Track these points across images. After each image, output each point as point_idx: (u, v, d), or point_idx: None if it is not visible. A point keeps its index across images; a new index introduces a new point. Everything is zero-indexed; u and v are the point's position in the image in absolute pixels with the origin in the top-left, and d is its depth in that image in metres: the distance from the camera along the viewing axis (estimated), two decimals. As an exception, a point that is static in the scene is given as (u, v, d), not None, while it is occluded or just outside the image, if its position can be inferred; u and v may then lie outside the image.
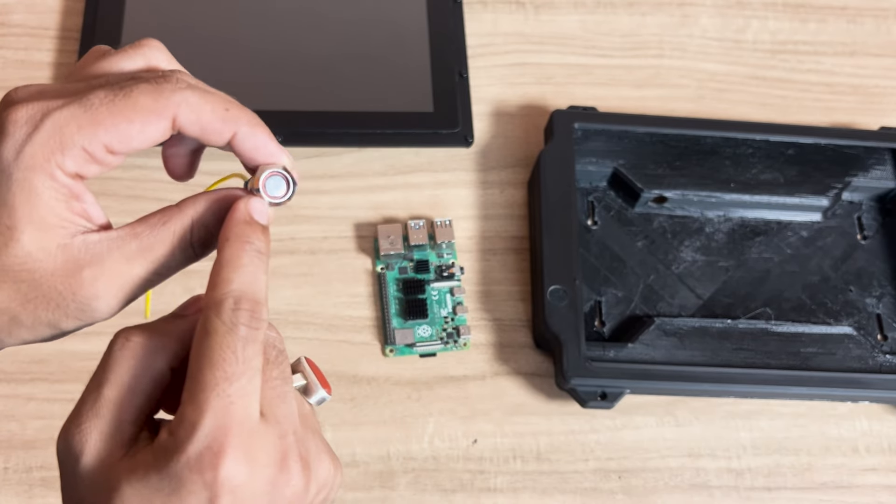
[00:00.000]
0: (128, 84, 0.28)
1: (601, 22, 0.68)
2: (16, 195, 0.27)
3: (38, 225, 0.27)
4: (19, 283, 0.27)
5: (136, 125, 0.27)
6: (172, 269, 0.30)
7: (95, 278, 0.28)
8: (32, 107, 0.27)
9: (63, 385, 0.52)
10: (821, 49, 0.69)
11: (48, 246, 0.27)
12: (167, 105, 0.28)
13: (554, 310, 0.53)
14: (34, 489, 0.50)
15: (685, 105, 0.65)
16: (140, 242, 0.29)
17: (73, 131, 0.27)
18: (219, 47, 0.61)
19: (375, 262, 0.57)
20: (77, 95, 0.28)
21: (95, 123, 0.27)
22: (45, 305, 0.28)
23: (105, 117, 0.27)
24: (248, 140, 0.30)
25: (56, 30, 0.62)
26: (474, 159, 0.61)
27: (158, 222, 0.29)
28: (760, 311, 0.58)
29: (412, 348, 0.55)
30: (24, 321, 0.28)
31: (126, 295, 0.29)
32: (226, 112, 0.29)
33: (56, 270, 0.27)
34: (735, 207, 0.60)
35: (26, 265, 0.27)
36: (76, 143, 0.27)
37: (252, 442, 0.26)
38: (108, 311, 0.29)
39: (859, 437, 0.56)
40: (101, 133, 0.27)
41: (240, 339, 0.26)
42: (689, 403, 0.55)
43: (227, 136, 0.29)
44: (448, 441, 0.53)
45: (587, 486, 0.53)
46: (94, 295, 0.28)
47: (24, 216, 0.27)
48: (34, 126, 0.27)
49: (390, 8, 0.64)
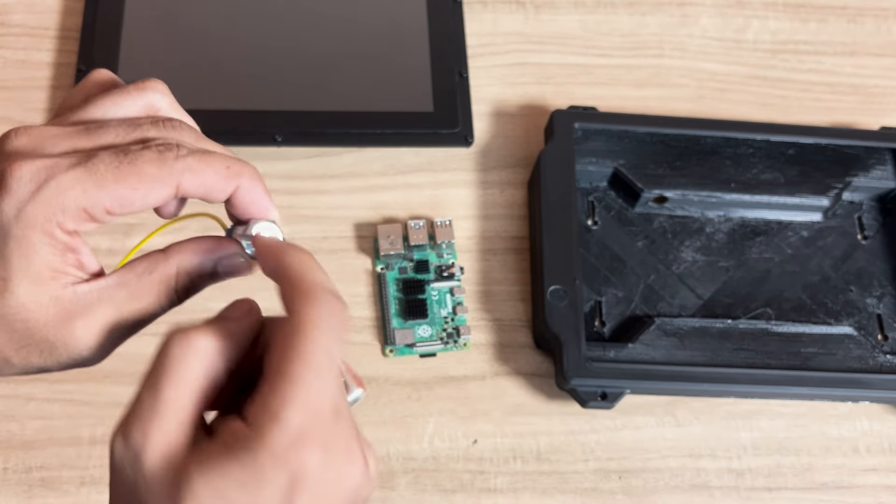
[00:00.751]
0: (133, 151, 0.28)
1: (601, 22, 0.68)
2: (13, 250, 0.27)
3: (32, 279, 0.28)
4: (12, 332, 0.28)
5: (139, 192, 0.28)
6: (158, 314, 0.31)
7: (86, 328, 0.29)
8: (36, 165, 0.28)
9: (63, 385, 0.52)
10: (821, 49, 0.69)
11: (41, 299, 0.28)
12: (171, 173, 0.28)
13: (554, 310, 0.53)
14: (33, 489, 0.50)
15: (685, 105, 0.65)
16: (128, 291, 0.30)
17: (76, 194, 0.28)
18: (219, 47, 0.61)
19: (375, 262, 0.57)
20: (82, 158, 0.28)
21: (99, 188, 0.28)
22: (37, 353, 0.29)
23: (109, 182, 0.28)
24: (246, 194, 0.30)
25: (56, 30, 0.62)
26: (474, 159, 0.61)
27: (145, 271, 0.30)
28: (761, 311, 0.58)
29: (412, 348, 0.55)
30: (16, 364, 0.29)
31: (114, 341, 0.30)
32: (227, 171, 0.30)
33: (48, 322, 0.28)
34: (735, 207, 0.60)
35: (20, 315, 0.28)
36: (78, 205, 0.28)
37: (330, 432, 0.27)
38: (97, 358, 0.30)
39: (860, 438, 0.56)
40: (104, 197, 0.28)
41: (332, 336, 0.27)
42: (689, 403, 0.55)
43: (229, 193, 0.30)
44: (448, 441, 0.53)
45: (587, 486, 0.53)
46: (85, 345, 0.29)
47: (20, 270, 0.28)
48: (38, 186, 0.27)
49: (390, 8, 0.64)
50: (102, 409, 0.52)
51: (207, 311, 0.57)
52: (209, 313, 0.41)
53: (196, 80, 0.59)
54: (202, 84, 0.59)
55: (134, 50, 0.60)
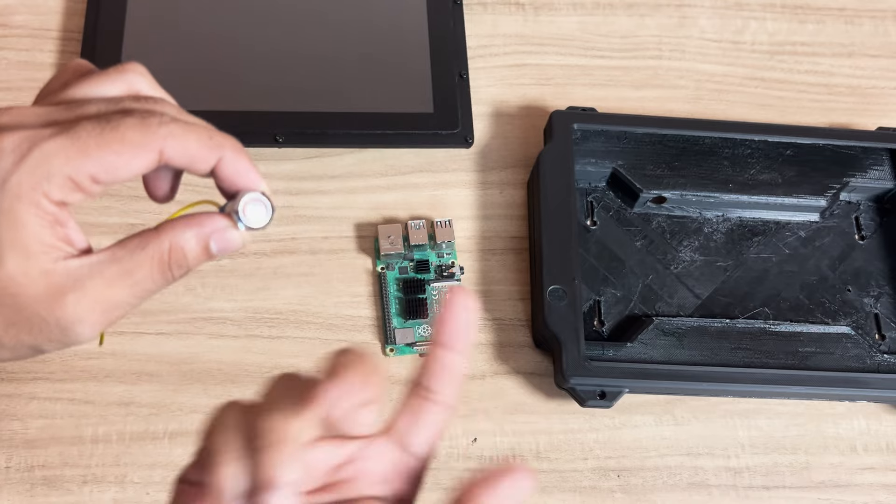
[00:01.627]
0: (115, 117, 0.28)
1: (600, 23, 0.68)
2: (0, 223, 0.27)
3: (21, 251, 0.27)
4: (2, 308, 0.28)
5: (123, 158, 0.28)
6: (151, 292, 0.30)
7: (77, 302, 0.28)
8: (19, 135, 0.27)
9: (65, 384, 0.52)
10: (819, 50, 0.69)
11: (31, 272, 0.28)
12: (154, 139, 0.28)
13: (553, 309, 0.53)
14: (36, 488, 0.50)
15: (684, 106, 0.65)
16: (120, 266, 0.29)
17: (60, 162, 0.27)
18: (221, 48, 0.61)
19: (376, 262, 0.57)
20: (65, 126, 0.28)
21: (83, 155, 0.27)
22: (27, 329, 0.28)
23: (93, 149, 0.28)
24: (230, 165, 0.31)
25: (58, 31, 0.63)
26: (474, 160, 0.62)
27: (137, 247, 0.30)
28: (759, 310, 0.58)
29: (412, 347, 0.55)
30: (6, 343, 0.28)
31: (107, 318, 0.29)
32: (210, 140, 0.30)
33: (38, 296, 0.28)
34: (733, 207, 0.61)
35: (9, 290, 0.28)
36: (63, 173, 0.27)
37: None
38: (90, 334, 0.29)
39: (857, 437, 0.56)
40: (88, 164, 0.27)
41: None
42: (687, 403, 0.56)
43: (212, 164, 0.30)
44: (448, 440, 0.53)
45: (586, 484, 0.53)
46: (77, 319, 0.29)
47: (8, 243, 0.27)
48: (21, 156, 0.27)
49: (390, 9, 0.64)
50: (104, 408, 0.52)
51: (209, 311, 0.57)
52: (211, 312, 0.42)
53: (197, 80, 0.60)
54: (203, 85, 0.60)
55: (136, 51, 0.60)
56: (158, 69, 0.60)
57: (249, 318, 0.55)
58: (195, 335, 0.54)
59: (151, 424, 0.52)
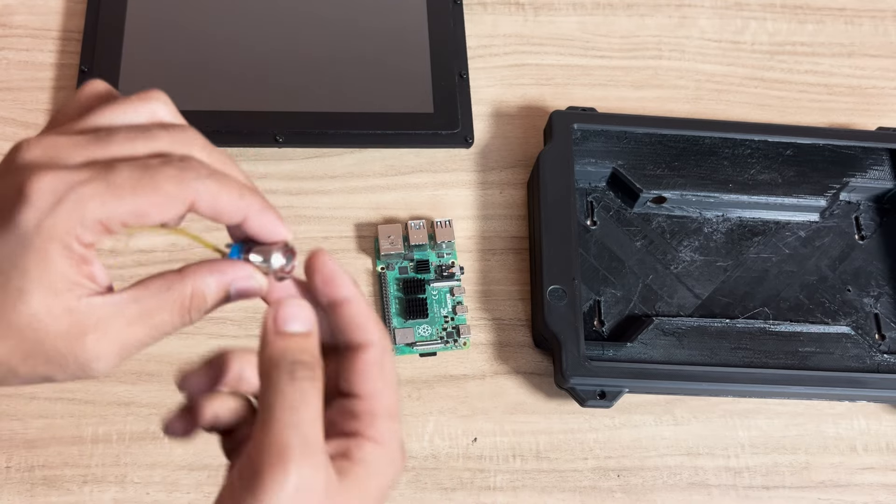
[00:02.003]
0: (153, 166, 0.29)
1: (600, 23, 0.68)
2: (30, 260, 0.28)
3: (48, 289, 0.28)
4: (23, 341, 0.28)
5: (155, 207, 0.29)
6: (168, 332, 0.31)
7: (97, 341, 0.29)
8: (56, 177, 0.28)
9: (65, 385, 0.52)
10: (819, 50, 0.69)
11: (55, 309, 0.28)
12: (187, 192, 0.29)
13: (553, 309, 0.53)
14: (36, 488, 0.50)
15: (683, 106, 0.66)
16: (140, 307, 0.30)
17: (95, 206, 0.28)
18: (221, 49, 0.61)
19: (376, 262, 0.57)
20: (101, 169, 0.28)
21: (117, 200, 0.28)
22: (44, 363, 0.29)
23: (128, 195, 0.28)
24: (257, 220, 0.31)
25: (58, 31, 0.63)
26: (474, 160, 0.62)
27: (160, 289, 0.30)
28: (758, 310, 0.58)
29: (412, 347, 0.55)
30: (20, 373, 0.29)
31: (123, 356, 0.30)
32: (240, 200, 0.30)
33: (60, 333, 0.28)
34: (733, 207, 0.61)
35: (32, 325, 0.28)
36: (96, 217, 0.28)
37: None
38: (104, 370, 0.30)
39: (857, 437, 0.56)
40: (122, 210, 0.28)
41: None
42: (687, 402, 0.56)
43: (237, 220, 0.31)
44: (448, 440, 0.53)
45: (586, 484, 0.53)
46: (95, 357, 0.29)
47: (36, 280, 0.28)
48: (58, 199, 0.28)
49: (391, 9, 0.64)
50: (104, 408, 0.52)
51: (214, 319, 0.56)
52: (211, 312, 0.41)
53: (198, 81, 0.60)
54: (204, 85, 0.60)
55: (136, 51, 0.60)
56: (158, 69, 0.60)
57: (249, 318, 0.55)
58: (195, 335, 0.54)
59: (151, 424, 0.52)
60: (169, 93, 0.33)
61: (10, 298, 0.28)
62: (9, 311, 0.28)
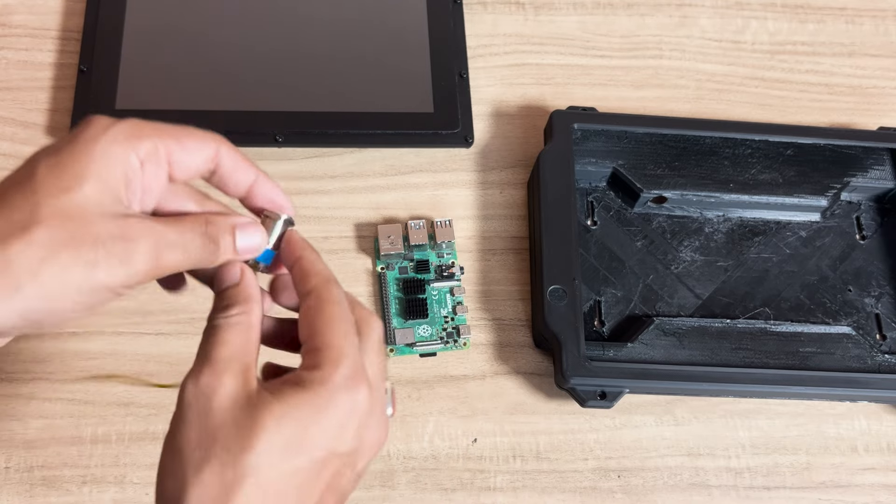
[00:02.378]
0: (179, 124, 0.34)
1: (600, 23, 0.68)
2: (95, 152, 0.31)
3: (104, 183, 0.31)
4: (68, 223, 0.30)
5: (192, 142, 0.34)
6: (193, 263, 0.34)
7: (140, 231, 0.32)
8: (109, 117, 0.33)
9: (64, 385, 0.52)
10: (819, 49, 0.69)
11: (105, 201, 0.31)
12: (214, 138, 0.35)
13: (553, 309, 0.53)
14: (35, 488, 0.50)
15: (684, 105, 0.65)
16: (173, 227, 0.33)
17: (148, 130, 0.33)
18: (220, 48, 0.61)
19: (376, 262, 0.57)
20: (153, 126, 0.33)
21: (162, 132, 0.33)
22: (90, 244, 0.31)
23: (170, 131, 0.33)
24: (265, 186, 0.36)
25: (58, 31, 0.63)
26: (474, 159, 0.62)
27: (195, 221, 0.34)
28: (759, 310, 0.58)
29: (412, 348, 0.55)
30: (62, 259, 0.30)
31: (158, 260, 0.32)
32: (252, 164, 0.36)
33: (106, 214, 0.31)
34: (734, 207, 0.61)
35: (81, 207, 0.31)
36: (150, 138, 0.32)
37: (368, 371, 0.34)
38: (143, 267, 0.32)
39: (858, 437, 0.56)
40: (168, 139, 0.33)
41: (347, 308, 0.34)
42: (688, 403, 0.56)
43: (252, 178, 0.36)
44: (448, 440, 0.53)
45: (586, 485, 0.53)
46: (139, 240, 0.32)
47: (95, 172, 0.31)
48: (115, 121, 0.32)
49: (391, 9, 0.64)
50: (104, 408, 0.52)
51: (209, 311, 0.56)
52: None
53: (197, 80, 0.60)
54: (204, 85, 0.60)
55: (135, 51, 0.60)
56: (158, 69, 0.60)
57: (249, 319, 0.55)
58: (195, 335, 0.53)
59: (151, 424, 0.52)
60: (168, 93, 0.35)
61: (66, 182, 0.31)
62: (62, 196, 0.30)
